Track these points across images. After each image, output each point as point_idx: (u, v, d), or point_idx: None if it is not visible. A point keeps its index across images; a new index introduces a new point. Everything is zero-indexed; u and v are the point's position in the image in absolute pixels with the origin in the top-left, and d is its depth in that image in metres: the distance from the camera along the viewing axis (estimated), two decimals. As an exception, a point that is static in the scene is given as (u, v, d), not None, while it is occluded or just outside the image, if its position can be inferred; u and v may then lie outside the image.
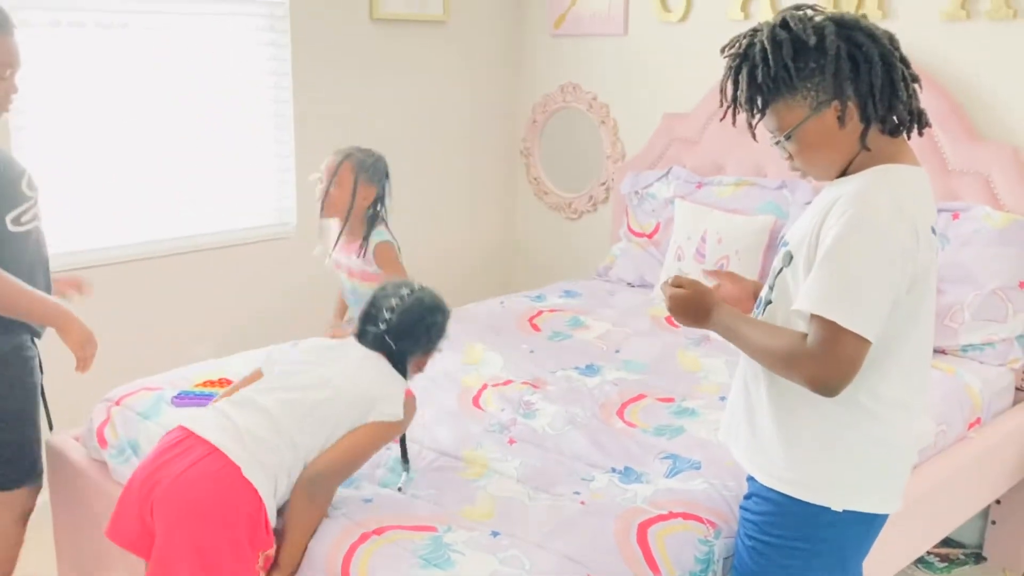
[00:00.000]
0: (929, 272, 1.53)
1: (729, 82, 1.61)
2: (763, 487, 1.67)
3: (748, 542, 1.71)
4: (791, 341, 1.51)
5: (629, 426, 2.33)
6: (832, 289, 1.46)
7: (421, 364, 2.10)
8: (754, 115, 1.60)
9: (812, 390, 1.48)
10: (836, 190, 1.55)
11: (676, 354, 2.80)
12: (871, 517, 1.63)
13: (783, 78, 1.52)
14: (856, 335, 1.44)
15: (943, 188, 2.97)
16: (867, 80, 1.52)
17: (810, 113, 1.54)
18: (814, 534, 1.63)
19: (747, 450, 1.71)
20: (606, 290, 3.51)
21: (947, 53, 2.99)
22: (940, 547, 3.03)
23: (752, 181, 3.37)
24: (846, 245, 1.46)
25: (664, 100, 3.77)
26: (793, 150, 1.59)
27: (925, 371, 1.65)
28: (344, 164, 2.74)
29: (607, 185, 4.04)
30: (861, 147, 1.55)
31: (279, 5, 3.48)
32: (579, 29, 4.00)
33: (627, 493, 1.98)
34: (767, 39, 1.53)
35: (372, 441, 1.91)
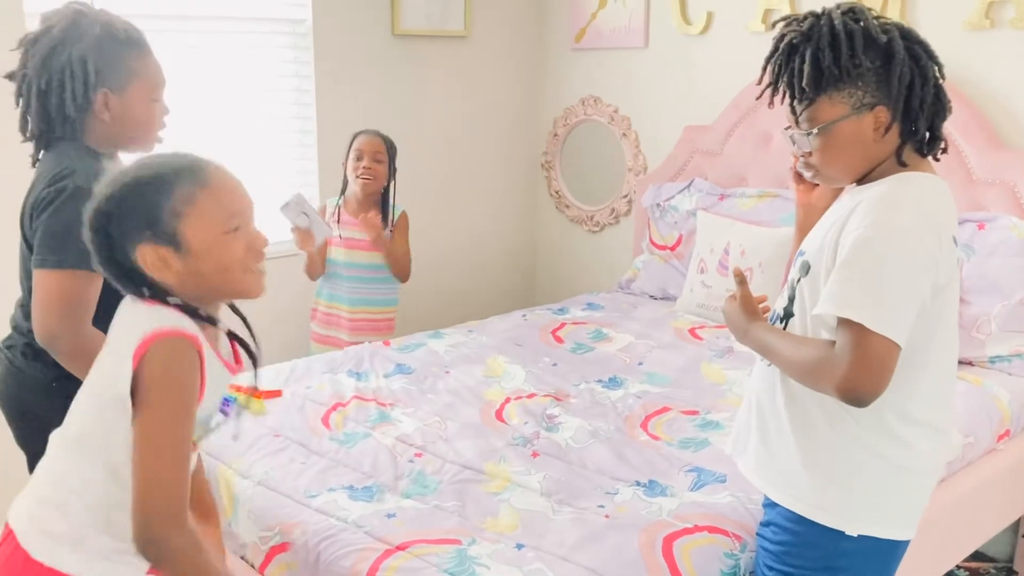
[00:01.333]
0: (951, 281, 1.50)
1: (781, 60, 1.52)
2: (780, 515, 1.63)
3: (768, 573, 1.68)
4: (818, 349, 1.46)
5: (653, 439, 2.32)
6: (857, 291, 1.41)
7: (151, 257, 1.33)
8: (802, 101, 1.51)
9: (842, 399, 1.42)
10: (856, 197, 1.52)
11: (700, 367, 2.79)
12: (891, 544, 1.58)
13: (847, 68, 1.46)
14: (885, 338, 1.38)
15: (968, 198, 2.95)
16: (919, 95, 1.48)
17: (849, 112, 1.49)
18: (832, 563, 1.58)
19: (759, 467, 1.67)
20: (629, 303, 3.51)
21: (970, 62, 2.97)
22: (970, 561, 2.99)
23: (775, 192, 3.36)
24: (870, 247, 1.42)
25: (685, 112, 3.77)
26: (817, 146, 1.53)
27: (951, 387, 1.62)
28: (382, 143, 3.18)
29: (629, 198, 4.04)
30: (895, 160, 1.51)
31: (302, 23, 3.51)
32: (600, 42, 4.01)
33: (652, 506, 1.97)
34: (840, 25, 1.46)
35: (147, 435, 1.28)
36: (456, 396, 2.58)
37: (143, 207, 1.32)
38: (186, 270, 1.34)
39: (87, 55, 1.77)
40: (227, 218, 1.36)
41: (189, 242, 1.33)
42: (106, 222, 1.33)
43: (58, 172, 1.75)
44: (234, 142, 3.41)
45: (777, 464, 1.62)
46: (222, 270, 1.36)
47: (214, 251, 1.35)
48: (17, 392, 1.89)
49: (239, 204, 1.39)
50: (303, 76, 3.56)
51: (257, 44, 3.42)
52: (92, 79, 1.78)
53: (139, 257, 1.33)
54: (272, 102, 3.50)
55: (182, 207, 1.33)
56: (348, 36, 3.63)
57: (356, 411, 2.48)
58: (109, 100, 1.82)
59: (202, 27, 3.26)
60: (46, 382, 1.82)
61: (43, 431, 1.77)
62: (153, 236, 1.32)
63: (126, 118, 1.85)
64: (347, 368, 2.79)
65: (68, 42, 1.78)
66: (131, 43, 1.84)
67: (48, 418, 1.74)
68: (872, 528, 1.56)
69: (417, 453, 2.24)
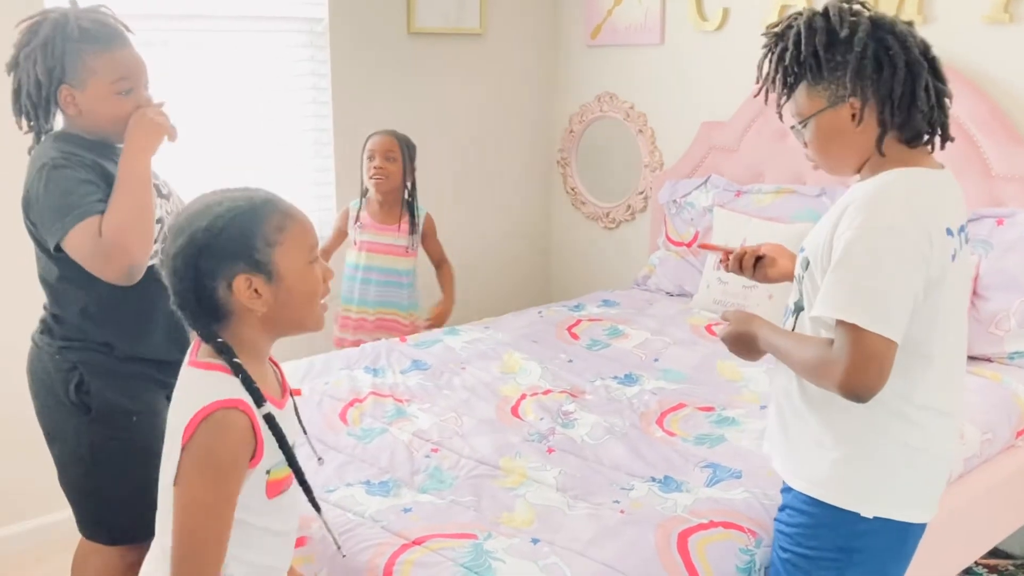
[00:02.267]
0: (946, 275, 1.51)
1: (765, 60, 1.64)
2: (795, 498, 1.66)
3: (783, 555, 1.70)
4: (818, 349, 1.51)
5: (669, 435, 2.32)
6: (848, 293, 1.46)
7: (244, 287, 1.33)
8: (780, 96, 1.63)
9: (843, 396, 1.47)
10: (849, 195, 1.56)
11: (716, 363, 2.78)
12: (905, 526, 1.61)
13: (809, 64, 1.55)
14: (879, 336, 1.43)
15: (987, 194, 2.93)
16: (888, 85, 1.52)
17: (827, 105, 1.56)
18: (848, 544, 1.61)
19: (781, 457, 1.70)
20: (645, 299, 3.51)
21: (989, 56, 2.95)
22: (988, 558, 2.97)
23: (792, 189, 3.35)
24: (859, 248, 1.46)
25: (702, 108, 3.76)
26: (808, 138, 1.61)
27: (958, 377, 1.64)
28: (395, 141, 3.08)
29: (645, 194, 4.03)
30: (876, 151, 1.56)
31: (318, 21, 3.53)
32: (615, 39, 4.01)
33: (667, 502, 1.98)
34: (804, 24, 1.55)
35: (183, 517, 1.30)
36: (472, 392, 2.59)
37: (240, 236, 1.32)
38: (275, 300, 1.34)
39: (37, 53, 1.87)
40: (311, 248, 1.38)
41: (281, 271, 1.33)
42: (197, 254, 1.31)
43: (30, 163, 1.90)
44: (250, 141, 3.43)
45: (793, 448, 1.66)
46: (307, 299, 1.38)
47: (302, 280, 1.36)
48: (35, 367, 2.01)
49: (315, 236, 1.42)
50: (319, 75, 3.58)
51: (273, 43, 3.44)
52: (43, 78, 1.87)
53: (234, 287, 1.32)
54: (288, 101, 3.51)
55: (275, 236, 1.33)
56: (364, 35, 3.64)
57: (373, 407, 2.50)
58: (74, 95, 1.89)
59: (218, 26, 3.28)
60: (52, 354, 1.97)
61: (54, 402, 1.97)
62: (247, 266, 1.32)
63: (93, 112, 1.91)
64: (364, 364, 2.81)
65: (26, 45, 1.89)
66: (88, 39, 1.88)
67: (57, 386, 1.96)
68: (887, 510, 1.58)
69: (433, 448, 2.25)
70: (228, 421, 1.30)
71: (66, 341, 1.96)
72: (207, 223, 1.31)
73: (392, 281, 3.17)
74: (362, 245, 3.17)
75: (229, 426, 1.30)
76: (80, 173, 1.84)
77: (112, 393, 1.96)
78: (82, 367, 1.94)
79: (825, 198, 3.24)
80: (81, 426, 1.96)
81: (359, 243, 3.18)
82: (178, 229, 1.33)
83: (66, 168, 1.83)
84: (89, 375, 1.94)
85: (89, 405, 1.95)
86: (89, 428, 1.96)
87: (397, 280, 3.18)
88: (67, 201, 1.81)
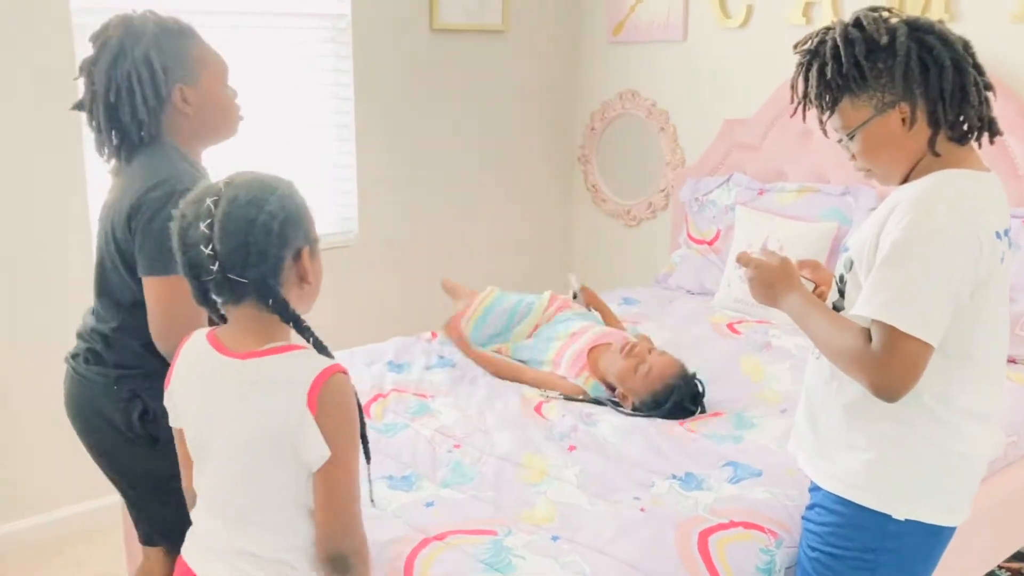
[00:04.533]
0: (992, 278, 1.51)
1: (800, 78, 1.62)
2: (826, 497, 1.65)
3: (811, 554, 1.69)
4: (856, 342, 1.49)
5: (690, 433, 2.32)
6: (891, 294, 1.45)
7: (303, 273, 1.43)
8: (823, 112, 1.60)
9: (873, 394, 1.47)
10: (897, 195, 1.55)
11: (739, 361, 2.77)
12: (936, 529, 1.60)
13: (853, 76, 1.53)
14: (917, 340, 1.43)
15: (1015, 194, 2.90)
16: (937, 85, 1.51)
17: (874, 114, 1.54)
18: (878, 545, 1.60)
19: (811, 456, 1.70)
20: (666, 297, 3.50)
21: (1017, 56, 2.92)
22: (1012, 561, 2.94)
23: (815, 187, 3.33)
24: (905, 250, 1.45)
25: (724, 106, 3.74)
26: (856, 150, 1.60)
27: (998, 380, 1.62)
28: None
29: (666, 192, 4.02)
30: (929, 152, 1.55)
31: (341, 18, 3.54)
32: (638, 36, 4.00)
33: (688, 500, 1.97)
34: (840, 37, 1.54)
35: (338, 491, 1.39)
36: (494, 390, 2.59)
37: (304, 215, 1.42)
38: (314, 275, 1.45)
39: (150, 55, 1.76)
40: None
41: (315, 245, 1.45)
42: (267, 236, 1.35)
43: (158, 178, 1.73)
44: (273, 137, 3.44)
45: (825, 449, 1.65)
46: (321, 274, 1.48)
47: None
48: (82, 398, 1.88)
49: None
50: (341, 71, 3.59)
51: (296, 40, 3.45)
52: (161, 77, 1.78)
53: (299, 264, 1.41)
54: (310, 97, 3.53)
55: (310, 213, 1.45)
56: (387, 31, 3.65)
57: (396, 402, 2.51)
58: (186, 93, 1.81)
59: (241, 23, 3.30)
60: (107, 384, 1.84)
61: (110, 431, 1.84)
62: (306, 240, 1.42)
63: (207, 107, 1.85)
64: (387, 360, 2.82)
65: (127, 48, 1.76)
66: (188, 34, 1.84)
67: (112, 417, 1.82)
68: (920, 512, 1.57)
69: (456, 444, 2.25)
70: (346, 382, 1.40)
71: (123, 369, 1.83)
72: (277, 205, 1.36)
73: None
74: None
75: (349, 388, 1.40)
76: None
77: None
78: (143, 395, 1.82)
79: (849, 197, 3.21)
80: (150, 458, 1.83)
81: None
82: (245, 217, 1.34)
83: None
84: (153, 402, 1.79)
85: (156, 435, 1.82)
86: (159, 459, 1.79)
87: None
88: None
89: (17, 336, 2.94)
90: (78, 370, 1.88)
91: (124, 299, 1.82)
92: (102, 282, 1.86)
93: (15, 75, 2.83)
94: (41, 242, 2.94)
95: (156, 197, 1.71)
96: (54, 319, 2.93)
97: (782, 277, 1.65)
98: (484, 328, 2.90)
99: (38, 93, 2.87)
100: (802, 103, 1.63)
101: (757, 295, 1.68)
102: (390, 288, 3.84)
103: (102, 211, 1.88)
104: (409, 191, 3.84)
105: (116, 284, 1.82)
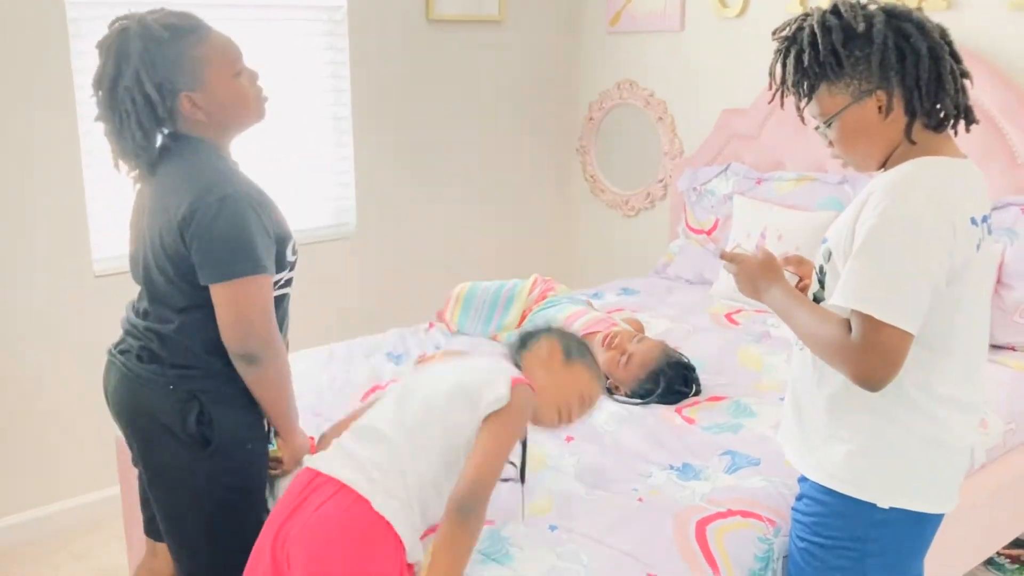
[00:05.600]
0: (970, 265, 1.50)
1: (778, 65, 1.62)
2: (813, 488, 1.66)
3: (800, 544, 1.70)
4: (836, 332, 1.50)
5: (688, 423, 2.32)
6: (868, 282, 1.45)
7: (533, 367, 1.85)
8: (801, 99, 1.61)
9: (856, 384, 1.48)
10: (873, 184, 1.55)
11: (736, 351, 2.77)
12: (922, 516, 1.60)
13: (829, 63, 1.53)
14: (895, 328, 1.43)
15: (1012, 182, 2.89)
16: (913, 73, 1.51)
17: (851, 101, 1.54)
18: (864, 534, 1.61)
19: (796, 447, 1.70)
20: (664, 287, 3.50)
21: (1015, 44, 2.91)
22: (1010, 548, 2.95)
23: (813, 176, 3.33)
24: (880, 238, 1.46)
25: (722, 96, 3.74)
26: (833, 137, 1.60)
27: (978, 369, 1.63)
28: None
29: (664, 182, 4.02)
30: (906, 140, 1.55)
31: (337, 9, 3.53)
32: (635, 26, 3.99)
33: (685, 490, 1.98)
34: (817, 24, 1.54)
35: (498, 440, 1.69)
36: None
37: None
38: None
39: (141, 76, 1.70)
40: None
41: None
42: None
43: (203, 183, 1.71)
44: (269, 129, 3.43)
45: (810, 439, 1.65)
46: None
47: None
48: (135, 398, 1.83)
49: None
50: (338, 63, 3.58)
51: (292, 31, 3.44)
52: (156, 98, 1.71)
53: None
54: (308, 88, 3.52)
55: None
56: (383, 22, 3.64)
57: (392, 394, 2.51)
58: (193, 99, 1.75)
59: (237, 15, 3.29)
60: (164, 384, 1.79)
61: (159, 429, 1.79)
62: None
63: (220, 104, 1.78)
64: (386, 351, 2.82)
65: (121, 70, 1.71)
66: (182, 33, 1.74)
67: (168, 419, 1.78)
68: (904, 500, 1.58)
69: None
70: (527, 394, 1.77)
71: (182, 369, 1.79)
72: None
73: None
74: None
75: (529, 399, 1.76)
76: (255, 218, 1.73)
77: (231, 422, 1.81)
78: (201, 396, 1.78)
79: (847, 186, 3.21)
80: (197, 461, 1.79)
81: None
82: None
83: (250, 210, 1.72)
84: (210, 404, 1.79)
85: (209, 438, 1.78)
86: (206, 463, 1.79)
87: None
88: (243, 246, 1.70)
89: (9, 331, 2.94)
90: (129, 366, 1.83)
91: (178, 303, 1.79)
92: (150, 287, 1.82)
93: (9, 70, 2.82)
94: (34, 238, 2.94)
95: (209, 203, 1.68)
96: (48, 315, 2.94)
97: (765, 272, 1.67)
98: (470, 317, 2.94)
99: (33, 92, 2.86)
100: (780, 90, 1.63)
101: (742, 289, 1.71)
102: (388, 280, 3.84)
103: (138, 216, 1.84)
104: (407, 183, 3.84)
105: (167, 290, 1.79)
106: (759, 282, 1.67)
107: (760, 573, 1.80)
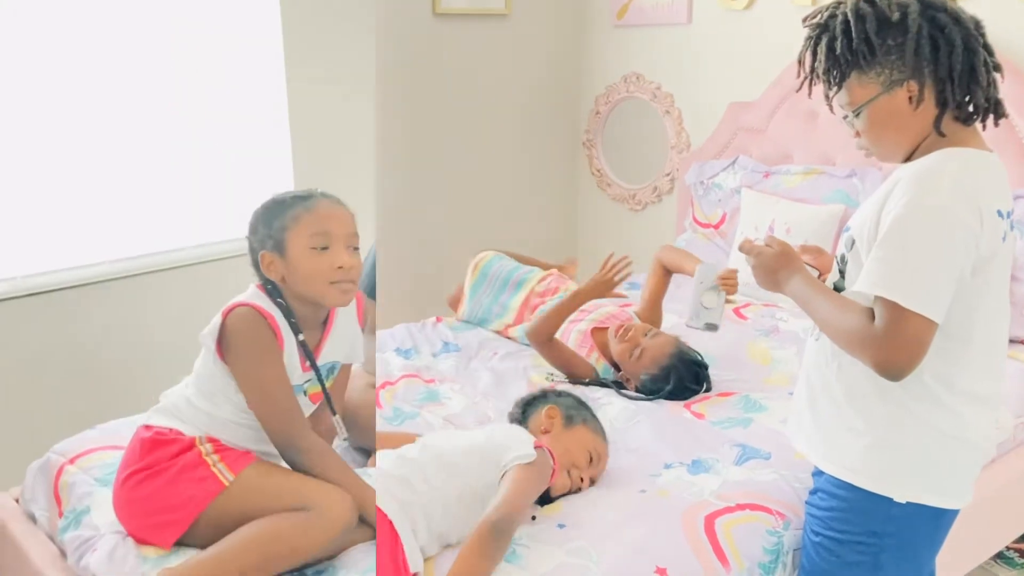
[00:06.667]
0: (995, 256, 1.49)
1: (808, 52, 1.60)
2: (828, 482, 1.65)
3: (815, 538, 1.69)
4: (859, 320, 1.48)
5: (697, 418, 2.31)
6: (893, 269, 1.44)
7: (537, 436, 1.99)
8: (830, 88, 1.59)
9: (878, 372, 1.45)
10: (899, 173, 1.53)
11: (745, 346, 2.76)
12: (938, 511, 1.59)
13: (862, 52, 1.51)
14: (920, 316, 1.41)
15: (1021, 174, 2.87)
16: (947, 64, 1.49)
17: (881, 91, 1.52)
18: (880, 528, 1.60)
19: (811, 440, 1.69)
20: (672, 282, 3.48)
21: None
22: (1020, 542, 2.94)
23: (821, 169, 3.31)
24: (906, 225, 1.44)
25: (729, 89, 3.72)
26: (861, 127, 1.58)
27: (1000, 359, 1.61)
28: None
29: (672, 176, 4.01)
30: (934, 131, 1.53)
31: (344, 3, 3.53)
32: (642, 19, 3.98)
33: (694, 485, 1.97)
34: (851, 11, 1.52)
35: (528, 480, 1.80)
36: (501, 378, 2.59)
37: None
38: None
39: None
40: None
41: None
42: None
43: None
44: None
45: (826, 433, 1.64)
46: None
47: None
48: None
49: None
50: (346, 57, 3.57)
51: (300, 25, 3.44)
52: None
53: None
54: (315, 83, 3.51)
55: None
56: (390, 15, 3.63)
57: (405, 390, 2.51)
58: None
59: (246, 9, 3.29)
60: None
61: None
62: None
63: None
64: (395, 347, 2.82)
65: None
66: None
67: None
68: (920, 495, 1.57)
69: (461, 431, 2.25)
70: (548, 458, 1.90)
71: None
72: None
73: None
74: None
75: (549, 463, 1.90)
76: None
77: None
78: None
79: (855, 179, 3.19)
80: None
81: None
82: None
83: None
84: None
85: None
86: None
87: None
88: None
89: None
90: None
91: None
92: None
93: None
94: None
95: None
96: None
97: (784, 262, 1.66)
98: (482, 288, 2.97)
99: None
100: (809, 78, 1.61)
101: (761, 281, 1.69)
102: (395, 274, 3.84)
103: None
104: (413, 177, 3.83)
105: None
106: (779, 272, 1.65)
107: (770, 566, 1.79)
